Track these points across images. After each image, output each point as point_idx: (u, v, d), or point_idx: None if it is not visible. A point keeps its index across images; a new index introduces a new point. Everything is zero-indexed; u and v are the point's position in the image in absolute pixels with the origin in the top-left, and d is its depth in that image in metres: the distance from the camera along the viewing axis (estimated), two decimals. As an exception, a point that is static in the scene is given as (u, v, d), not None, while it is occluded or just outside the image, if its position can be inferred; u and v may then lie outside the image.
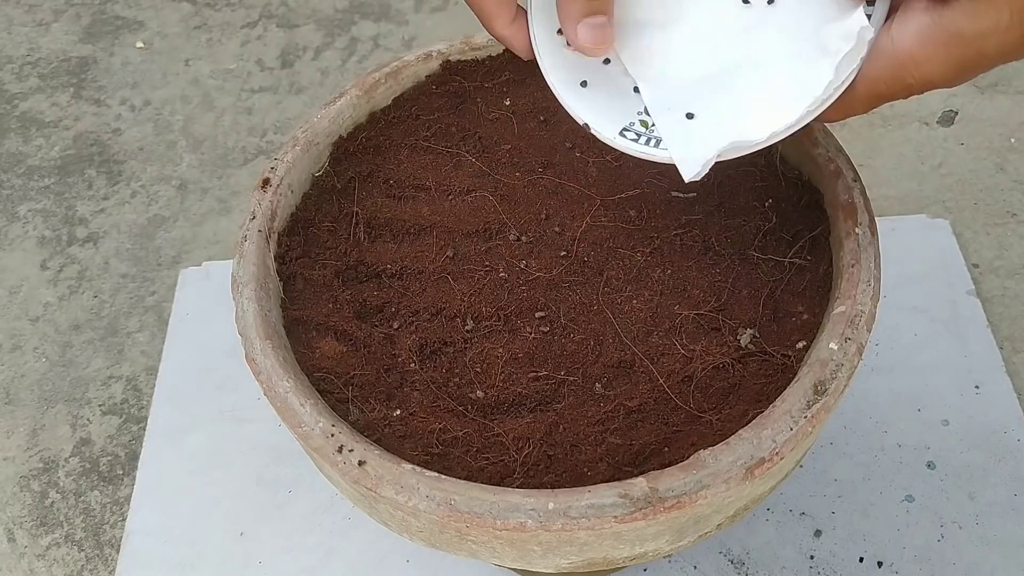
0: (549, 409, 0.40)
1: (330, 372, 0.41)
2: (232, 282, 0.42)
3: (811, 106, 0.35)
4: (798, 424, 0.36)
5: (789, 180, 0.46)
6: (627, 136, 0.38)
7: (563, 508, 0.34)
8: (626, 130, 0.38)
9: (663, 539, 0.37)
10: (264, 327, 0.40)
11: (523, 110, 0.50)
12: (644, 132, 0.38)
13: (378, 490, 0.36)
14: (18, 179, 0.83)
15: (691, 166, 0.36)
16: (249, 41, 0.93)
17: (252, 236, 0.44)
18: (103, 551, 0.61)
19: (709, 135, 0.37)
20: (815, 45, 0.35)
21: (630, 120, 0.38)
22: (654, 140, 0.38)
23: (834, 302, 0.40)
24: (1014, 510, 0.56)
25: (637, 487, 0.34)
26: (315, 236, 0.46)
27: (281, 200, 0.46)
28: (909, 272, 0.66)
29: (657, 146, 0.37)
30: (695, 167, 0.36)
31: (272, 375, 0.39)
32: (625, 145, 0.38)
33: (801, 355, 0.40)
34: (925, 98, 0.81)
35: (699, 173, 0.36)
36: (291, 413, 0.38)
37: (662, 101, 0.38)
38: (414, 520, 0.37)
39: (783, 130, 0.35)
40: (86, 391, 0.68)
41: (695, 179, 0.36)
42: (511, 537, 0.35)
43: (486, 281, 0.44)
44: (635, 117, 0.38)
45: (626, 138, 0.38)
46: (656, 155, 0.37)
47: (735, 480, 0.35)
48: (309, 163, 0.48)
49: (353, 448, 0.37)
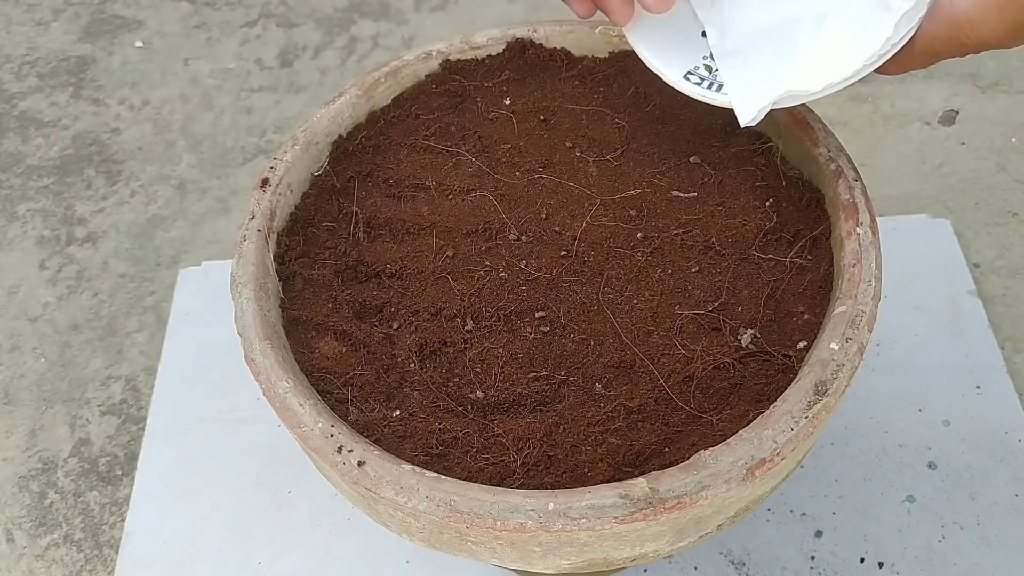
0: (549, 409, 0.39)
1: (329, 372, 0.41)
2: (231, 282, 0.42)
3: (869, 60, 0.36)
4: (799, 424, 0.36)
5: (790, 179, 0.46)
6: (691, 79, 0.41)
7: (563, 509, 0.34)
8: (690, 74, 0.41)
9: (664, 540, 0.37)
10: (263, 327, 0.40)
11: (523, 110, 0.50)
12: (707, 77, 0.40)
13: (378, 491, 0.36)
14: (17, 179, 0.83)
15: (747, 111, 0.39)
16: (248, 40, 0.93)
17: (251, 236, 0.44)
18: (102, 552, 0.61)
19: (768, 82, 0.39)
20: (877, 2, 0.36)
21: (695, 64, 0.41)
22: (716, 84, 0.40)
23: (835, 302, 0.40)
24: (1015, 511, 0.56)
25: (638, 488, 0.34)
26: (314, 236, 0.46)
27: (280, 200, 0.46)
28: (910, 272, 0.66)
29: (718, 91, 0.40)
30: (751, 112, 0.39)
31: (271, 375, 0.39)
32: (688, 88, 0.40)
33: (802, 355, 0.39)
34: (926, 98, 0.81)
35: (755, 119, 0.38)
36: (290, 413, 0.38)
37: (727, 47, 0.40)
38: (414, 521, 0.36)
39: (839, 82, 0.37)
40: (85, 391, 0.68)
41: (750, 124, 0.39)
42: (511, 538, 0.35)
43: (486, 281, 0.43)
44: (700, 62, 0.41)
45: (689, 81, 0.40)
46: (716, 99, 0.40)
47: (736, 481, 0.35)
48: (308, 162, 0.48)
49: (353, 448, 0.36)
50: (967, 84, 0.82)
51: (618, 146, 0.48)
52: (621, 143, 0.48)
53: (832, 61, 0.37)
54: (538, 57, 0.52)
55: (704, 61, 0.41)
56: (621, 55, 0.51)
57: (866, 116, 0.80)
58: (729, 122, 0.49)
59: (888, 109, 0.81)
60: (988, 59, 0.83)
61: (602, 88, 0.51)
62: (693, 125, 0.48)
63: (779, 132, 0.47)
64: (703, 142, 0.48)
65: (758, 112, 0.38)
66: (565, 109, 0.50)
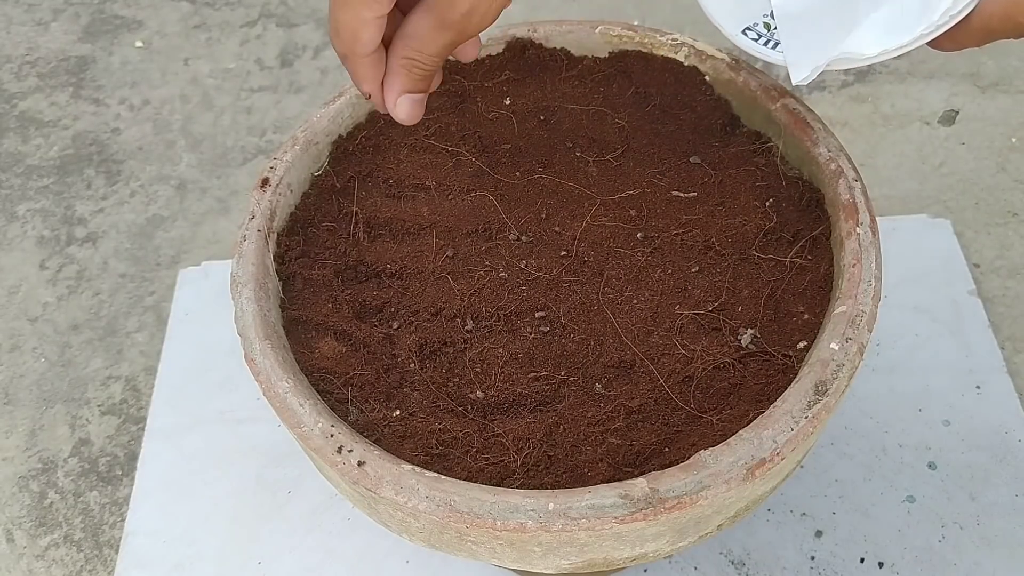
0: (549, 409, 0.39)
1: (329, 372, 0.41)
2: (231, 282, 0.42)
3: (925, 30, 0.37)
4: (799, 424, 0.36)
5: (790, 179, 0.46)
6: (748, 35, 0.42)
7: (563, 509, 0.34)
8: (748, 29, 0.42)
9: (664, 540, 0.37)
10: (263, 327, 0.40)
11: (523, 110, 0.50)
12: (765, 34, 0.42)
13: (377, 491, 0.36)
14: (17, 179, 0.83)
15: (802, 70, 0.40)
16: (248, 40, 0.93)
17: (251, 236, 0.44)
18: (102, 552, 0.61)
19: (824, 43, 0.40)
20: None
21: (754, 21, 0.42)
22: (773, 42, 0.41)
23: (835, 302, 0.40)
24: (1015, 511, 0.56)
25: (638, 488, 0.34)
26: (314, 236, 0.46)
27: (280, 200, 0.46)
28: (910, 272, 0.66)
29: (774, 48, 0.41)
30: (805, 71, 0.40)
31: (271, 375, 0.39)
32: (745, 43, 0.42)
33: (802, 355, 0.39)
34: (926, 98, 0.81)
35: (807, 78, 0.40)
36: (290, 413, 0.38)
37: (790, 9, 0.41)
38: (414, 521, 0.36)
39: (894, 49, 0.38)
40: (85, 391, 0.68)
41: (803, 83, 0.40)
42: (511, 538, 0.35)
43: (486, 281, 0.43)
44: (759, 19, 0.42)
45: (747, 36, 0.42)
46: (771, 56, 0.41)
47: (736, 480, 0.35)
48: (308, 162, 0.48)
49: (352, 448, 0.36)
50: (967, 84, 0.82)
51: (618, 146, 0.48)
52: (621, 143, 0.48)
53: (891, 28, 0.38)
54: (538, 57, 0.52)
55: (764, 19, 0.42)
56: (621, 55, 0.51)
57: (866, 116, 0.80)
58: (729, 122, 0.49)
59: (888, 109, 0.81)
60: (988, 59, 0.83)
61: (602, 88, 0.51)
62: (693, 125, 0.48)
63: (779, 132, 0.47)
64: (703, 142, 0.48)
65: (812, 71, 0.40)
66: (565, 109, 0.50)
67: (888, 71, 0.84)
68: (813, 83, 0.70)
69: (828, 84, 0.83)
